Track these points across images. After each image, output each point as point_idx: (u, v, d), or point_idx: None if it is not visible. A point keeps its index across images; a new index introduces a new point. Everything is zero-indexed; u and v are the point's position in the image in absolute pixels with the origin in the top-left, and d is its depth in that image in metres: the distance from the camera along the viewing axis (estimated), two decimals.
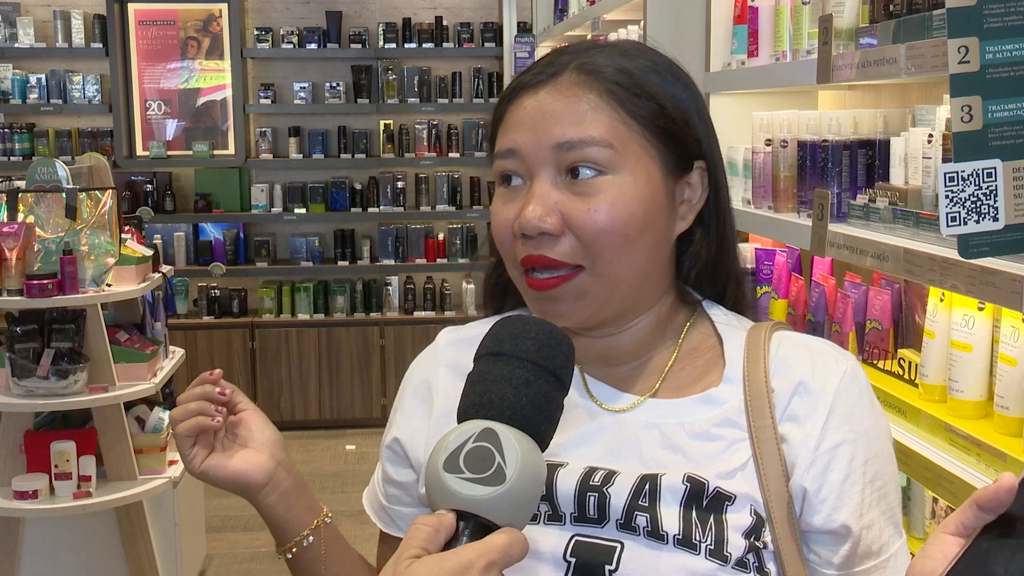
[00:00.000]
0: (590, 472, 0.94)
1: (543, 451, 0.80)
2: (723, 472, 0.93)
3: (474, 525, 0.76)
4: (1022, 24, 1.17)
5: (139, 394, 3.38)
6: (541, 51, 5.34)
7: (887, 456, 0.97)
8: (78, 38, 6.04)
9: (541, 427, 0.80)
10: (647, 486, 0.92)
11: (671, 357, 1.01)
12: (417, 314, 6.16)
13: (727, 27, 2.43)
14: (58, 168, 3.40)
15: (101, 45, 6.06)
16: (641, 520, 0.90)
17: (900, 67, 1.55)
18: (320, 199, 6.25)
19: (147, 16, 6.16)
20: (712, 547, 0.89)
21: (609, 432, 0.98)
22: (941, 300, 1.61)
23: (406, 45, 6.23)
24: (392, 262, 6.23)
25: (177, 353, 3.88)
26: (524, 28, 5.79)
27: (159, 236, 5.95)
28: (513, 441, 0.77)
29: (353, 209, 6.25)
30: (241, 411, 1.06)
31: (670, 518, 0.90)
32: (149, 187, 6.13)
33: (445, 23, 6.27)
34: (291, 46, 6.18)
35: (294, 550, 1.05)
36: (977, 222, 1.19)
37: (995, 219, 1.19)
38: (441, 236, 6.31)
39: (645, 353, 1.02)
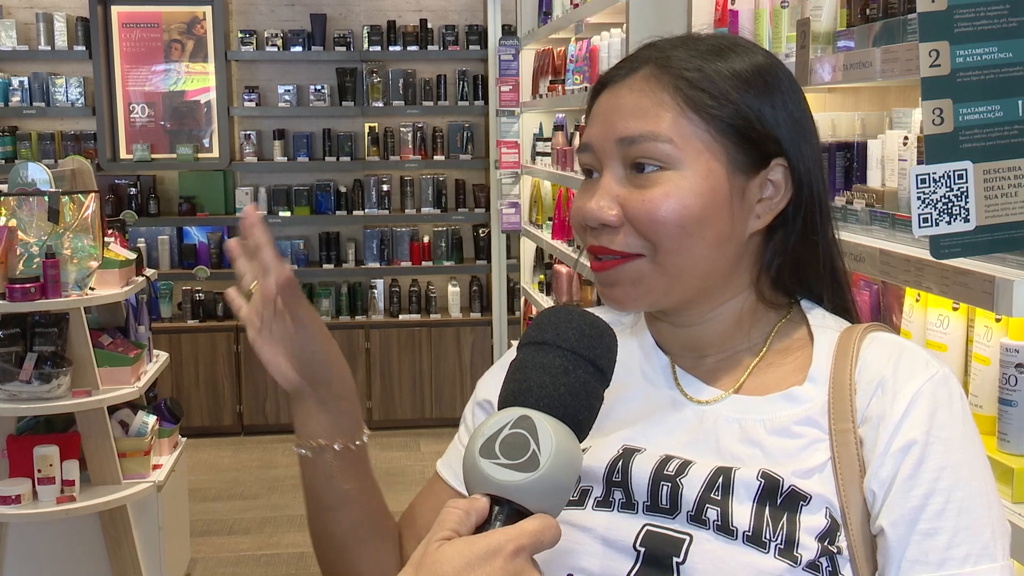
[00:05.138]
0: (665, 460, 0.94)
1: (581, 440, 0.81)
2: (800, 471, 0.92)
3: (508, 511, 0.77)
4: (992, 28, 1.19)
5: (123, 398, 3.38)
6: (526, 53, 5.36)
7: (974, 470, 0.90)
8: (61, 40, 6.03)
9: (579, 416, 0.81)
10: (720, 479, 0.92)
11: (757, 355, 1.01)
12: (402, 317, 6.17)
13: (708, 30, 2.45)
14: (37, 171, 3.39)
15: (84, 47, 6.04)
16: (712, 513, 0.90)
17: (875, 70, 1.57)
18: (305, 202, 6.25)
19: (130, 18, 6.15)
20: (782, 547, 0.88)
21: (689, 423, 0.98)
22: (917, 300, 1.63)
23: (391, 48, 6.24)
24: (377, 265, 6.24)
25: (161, 357, 3.88)
26: (509, 30, 5.81)
27: (143, 239, 5.95)
28: (549, 429, 0.78)
29: (338, 212, 6.25)
30: (292, 314, 1.00)
31: (741, 513, 0.90)
32: (133, 190, 6.12)
33: (430, 25, 6.28)
34: (275, 48, 6.18)
35: (301, 451, 1.03)
36: (949, 223, 1.21)
37: (966, 220, 1.21)
38: (426, 239, 6.32)
39: (729, 347, 1.02)
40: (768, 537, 0.89)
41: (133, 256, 3.63)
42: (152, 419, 3.57)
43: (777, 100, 0.99)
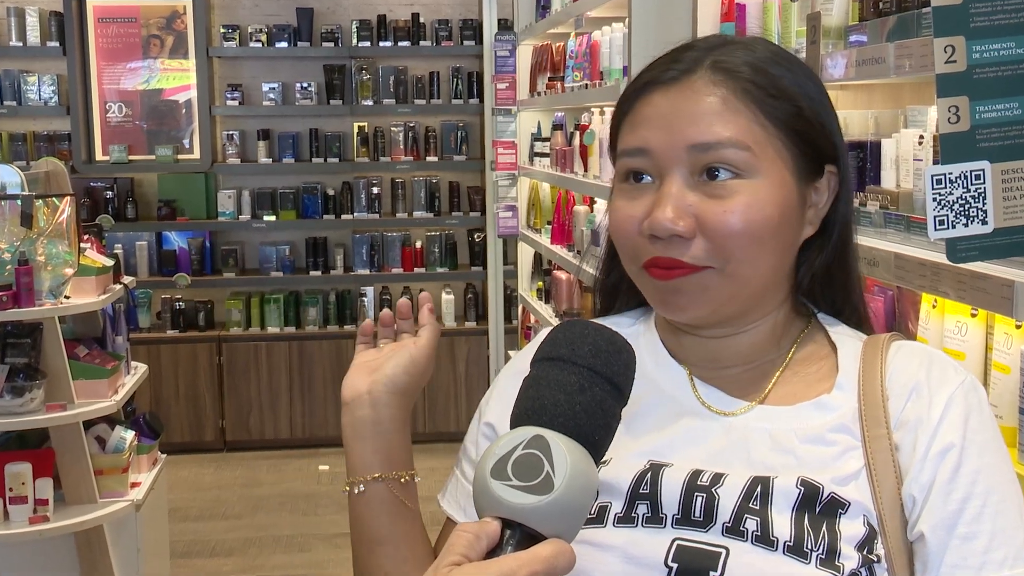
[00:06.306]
0: (697, 473, 0.96)
1: (598, 461, 0.82)
2: (837, 478, 0.94)
3: (520, 535, 0.77)
4: (1009, 23, 1.21)
5: (99, 412, 3.38)
6: (523, 49, 5.37)
7: (1005, 474, 0.95)
8: (33, 36, 6.04)
9: (595, 436, 0.81)
10: (759, 488, 0.93)
11: (782, 365, 1.04)
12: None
13: (714, 25, 2.47)
14: (9, 174, 3.40)
15: (58, 43, 6.05)
16: (751, 524, 0.92)
17: (889, 66, 1.59)
18: (291, 206, 6.26)
19: (107, 13, 6.16)
20: (823, 556, 0.90)
21: (716, 435, 1.00)
22: (934, 307, 1.65)
23: (381, 43, 6.25)
24: (367, 272, 6.24)
25: (140, 369, 3.88)
26: (505, 25, 5.82)
27: (120, 245, 5.95)
28: (563, 449, 0.78)
29: (326, 216, 6.26)
30: (417, 333, 1.12)
31: (781, 523, 0.91)
32: (110, 193, 6.13)
33: (422, 20, 6.30)
34: (260, 44, 6.20)
35: (346, 489, 1.07)
36: (966, 225, 1.23)
37: (984, 222, 1.23)
38: (419, 244, 6.33)
39: (756, 359, 1.04)
40: (809, 547, 0.91)
41: (110, 263, 3.64)
42: (130, 435, 3.57)
43: (828, 105, 1.03)
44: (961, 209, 1.23)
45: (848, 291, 1.08)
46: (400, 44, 6.25)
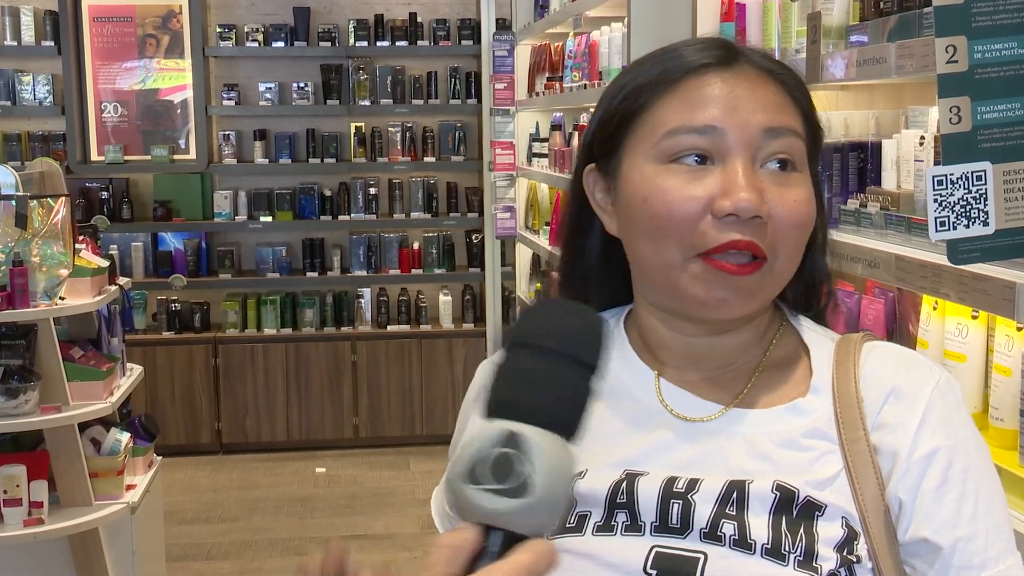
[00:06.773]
0: (672, 480, 0.96)
1: (574, 439, 0.79)
2: (813, 482, 0.95)
3: (503, 536, 0.76)
4: (1011, 23, 1.21)
5: (95, 414, 3.37)
6: (521, 49, 5.37)
7: (989, 470, 0.97)
8: (28, 35, 6.03)
9: (567, 418, 0.79)
10: (735, 493, 0.94)
11: (756, 367, 1.04)
12: (391, 328, 6.17)
13: (714, 25, 2.47)
14: (3, 174, 3.39)
15: (53, 43, 6.05)
16: (728, 528, 0.92)
17: (890, 67, 1.59)
18: (287, 206, 6.26)
19: (102, 12, 6.16)
20: (801, 559, 0.91)
21: (691, 441, 1.00)
22: (934, 309, 1.65)
23: (378, 43, 6.25)
24: (364, 273, 6.24)
25: (135, 371, 3.88)
26: (503, 25, 5.83)
27: (116, 246, 5.93)
28: (539, 444, 0.76)
29: (323, 217, 6.26)
30: None
31: (759, 526, 0.92)
32: (105, 194, 6.12)
33: (420, 20, 6.30)
34: (256, 44, 6.20)
35: None
36: (967, 227, 1.23)
37: (985, 224, 1.23)
38: (416, 245, 6.33)
39: (736, 360, 1.04)
40: (787, 549, 0.91)
41: (105, 264, 3.63)
42: (126, 437, 3.57)
43: None
44: (962, 210, 1.23)
45: (821, 295, 1.09)
46: (397, 44, 6.25)
